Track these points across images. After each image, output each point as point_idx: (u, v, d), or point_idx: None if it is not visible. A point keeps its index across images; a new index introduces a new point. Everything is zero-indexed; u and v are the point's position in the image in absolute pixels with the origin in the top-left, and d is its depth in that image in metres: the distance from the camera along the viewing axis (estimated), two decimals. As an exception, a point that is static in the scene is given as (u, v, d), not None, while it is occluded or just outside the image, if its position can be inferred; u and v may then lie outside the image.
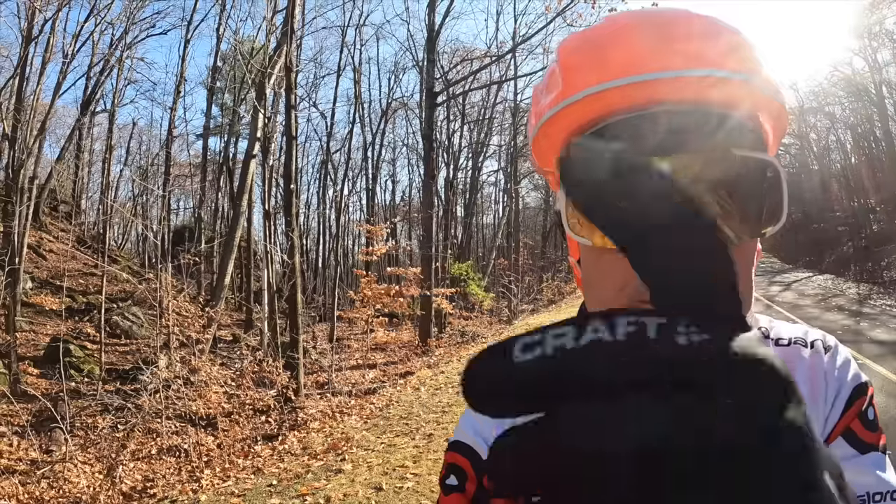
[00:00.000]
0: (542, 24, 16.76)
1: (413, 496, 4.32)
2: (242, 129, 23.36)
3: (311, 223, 35.39)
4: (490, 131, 30.63)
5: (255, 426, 6.99)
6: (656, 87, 0.52)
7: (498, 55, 20.79)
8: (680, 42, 0.53)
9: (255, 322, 12.14)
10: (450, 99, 20.45)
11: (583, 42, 0.59)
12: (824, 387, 0.68)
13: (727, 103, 0.53)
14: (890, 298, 16.24)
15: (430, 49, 15.23)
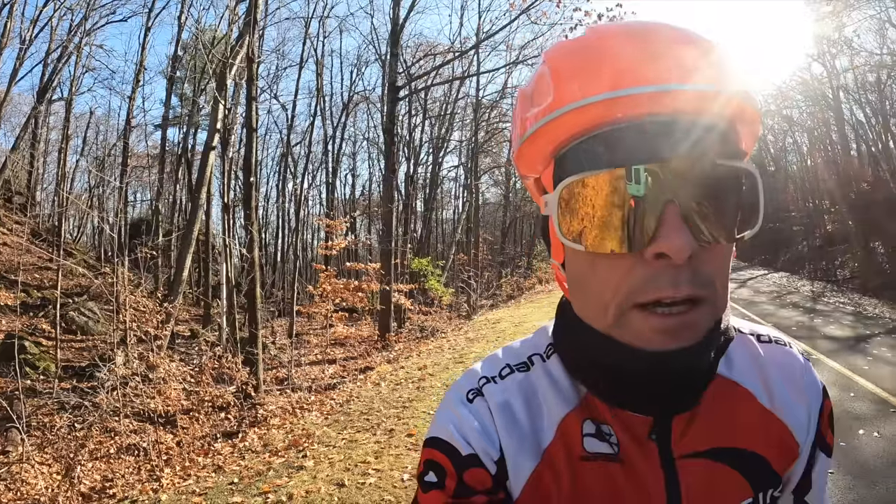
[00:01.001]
0: (506, 22, 16.87)
1: (376, 492, 4.32)
2: (202, 120, 22.95)
3: (270, 217, 35.08)
4: (451, 126, 30.73)
5: (215, 423, 6.91)
6: (641, 99, 0.54)
7: (461, 51, 20.81)
8: (663, 56, 0.55)
9: (214, 317, 12.00)
10: (412, 93, 20.45)
11: (572, 53, 0.60)
12: (804, 388, 0.73)
13: (707, 113, 0.55)
14: (843, 296, 16.67)
15: (394, 43, 15.19)
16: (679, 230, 0.52)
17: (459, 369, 8.59)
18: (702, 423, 0.66)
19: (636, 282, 0.55)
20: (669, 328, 0.55)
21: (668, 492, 0.64)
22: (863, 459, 4.63)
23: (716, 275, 0.57)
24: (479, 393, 0.69)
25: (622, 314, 0.57)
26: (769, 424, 0.70)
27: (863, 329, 10.85)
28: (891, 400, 6.07)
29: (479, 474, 0.64)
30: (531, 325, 12.75)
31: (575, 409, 0.67)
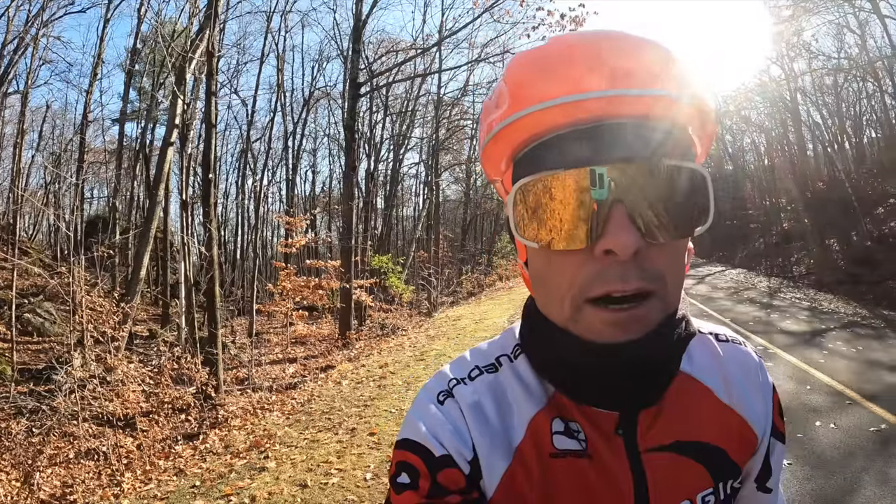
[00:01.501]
0: (469, 19, 16.80)
1: (339, 492, 4.32)
2: (160, 114, 22.33)
3: (229, 214, 34.36)
4: (412, 123, 30.54)
5: (175, 425, 6.77)
6: (592, 104, 0.57)
7: (424, 48, 20.73)
8: (617, 62, 0.58)
9: (173, 317, 11.76)
10: (373, 90, 20.31)
11: (529, 61, 0.63)
12: (759, 384, 0.78)
13: (656, 117, 0.59)
14: (799, 292, 16.91)
15: (356, 39, 15.01)
16: (625, 228, 0.55)
17: (420, 367, 8.63)
18: (666, 418, 0.70)
19: (587, 277, 0.58)
20: (619, 321, 0.58)
21: (635, 484, 0.66)
22: (820, 450, 4.74)
23: (666, 271, 0.59)
24: (449, 394, 0.70)
25: (577, 308, 0.60)
26: (728, 419, 0.74)
27: (818, 324, 11.07)
28: (846, 392, 6.21)
29: (452, 475, 0.65)
30: (492, 322, 12.86)
31: (544, 408, 0.69)
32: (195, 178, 15.95)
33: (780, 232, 28.95)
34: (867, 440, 4.92)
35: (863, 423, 5.30)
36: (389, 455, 4.96)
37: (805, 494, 4.02)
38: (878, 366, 7.40)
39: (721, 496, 0.71)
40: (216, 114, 10.42)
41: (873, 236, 19.30)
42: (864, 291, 15.40)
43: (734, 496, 0.74)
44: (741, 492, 0.77)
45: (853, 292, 15.61)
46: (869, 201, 21.91)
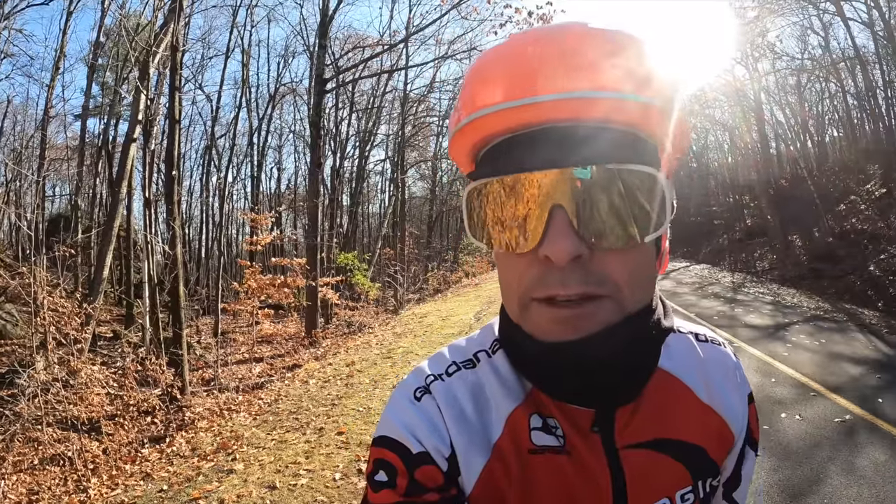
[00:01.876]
0: (436, 16, 16.87)
1: (308, 493, 4.31)
2: (124, 110, 21.79)
3: (194, 212, 33.68)
4: (378, 120, 30.41)
5: (141, 428, 6.66)
6: (550, 106, 0.57)
7: (391, 44, 20.52)
8: (571, 63, 0.57)
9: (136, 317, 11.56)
10: (339, 86, 20.19)
11: (489, 62, 0.62)
12: (737, 384, 0.79)
13: (605, 120, 0.58)
14: (762, 286, 17.15)
15: (323, 34, 14.94)
16: (563, 235, 0.56)
17: (387, 365, 8.63)
18: (644, 415, 0.69)
19: (531, 279, 0.59)
20: (564, 319, 0.58)
21: (613, 481, 0.66)
22: (786, 442, 4.85)
23: (618, 275, 0.58)
24: (426, 391, 0.70)
25: (524, 306, 0.61)
26: (707, 417, 0.74)
27: (782, 318, 11.25)
28: (810, 384, 6.36)
29: (430, 472, 0.64)
30: (458, 319, 12.88)
31: (522, 404, 0.69)
32: (159, 175, 15.65)
33: (743, 228, 29.39)
34: (832, 431, 5.04)
35: (827, 415, 5.43)
36: (358, 455, 4.97)
37: (772, 485, 4.10)
38: (841, 358, 7.57)
39: (700, 494, 0.72)
40: (180, 110, 10.28)
41: (835, 232, 19.56)
42: (827, 286, 15.67)
43: (713, 494, 0.74)
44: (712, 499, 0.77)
45: (815, 287, 15.89)
46: (831, 198, 22.32)
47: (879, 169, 21.51)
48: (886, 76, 25.41)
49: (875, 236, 16.54)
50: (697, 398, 0.75)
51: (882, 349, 8.10)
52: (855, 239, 17.52)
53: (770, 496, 3.98)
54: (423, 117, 32.88)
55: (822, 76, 30.11)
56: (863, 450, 4.60)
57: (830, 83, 30.88)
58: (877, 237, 16.34)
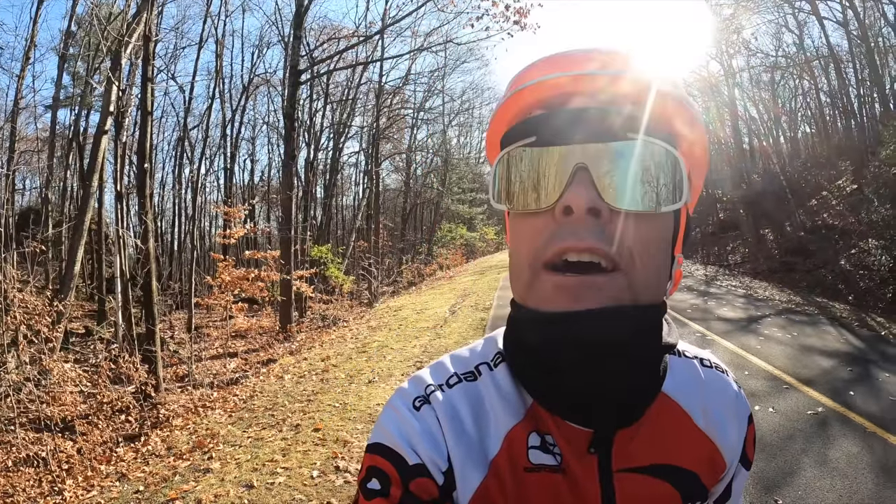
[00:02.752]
0: (413, 7, 16.67)
1: (286, 491, 4.28)
2: (95, 101, 21.32)
3: (166, 205, 33.07)
4: (353, 112, 30.08)
5: (115, 427, 6.53)
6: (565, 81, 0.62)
7: (366, 35, 20.29)
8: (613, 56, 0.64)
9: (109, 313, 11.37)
10: (314, 77, 19.96)
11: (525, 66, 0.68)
12: (734, 405, 0.79)
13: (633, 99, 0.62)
14: (734, 280, 17.22)
15: (298, 25, 14.71)
16: (584, 187, 0.59)
17: (363, 359, 8.62)
18: (642, 439, 0.69)
19: (546, 237, 0.61)
20: (569, 285, 0.58)
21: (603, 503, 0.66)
22: (760, 434, 4.83)
23: (633, 246, 0.60)
24: (426, 401, 0.68)
25: (534, 275, 0.61)
26: (702, 444, 0.74)
27: (754, 311, 11.30)
28: (783, 377, 6.43)
29: (425, 484, 0.63)
30: (433, 313, 12.91)
31: (521, 421, 0.68)
32: (131, 167, 15.43)
33: (716, 222, 29.61)
34: (805, 423, 5.11)
35: (800, 407, 5.49)
36: (335, 451, 4.96)
37: (747, 478, 4.18)
38: (813, 351, 7.65)
39: None
40: (152, 101, 10.08)
41: (806, 227, 19.78)
42: (798, 279, 15.87)
43: None
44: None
45: (787, 280, 16.06)
46: (802, 193, 22.67)
47: (851, 165, 21.81)
48: (859, 75, 25.97)
49: (846, 231, 16.81)
50: (695, 424, 0.74)
51: (853, 342, 8.19)
52: (826, 234, 17.74)
53: (745, 488, 4.02)
54: (398, 109, 32.81)
55: (795, 73, 30.71)
56: (835, 442, 4.67)
57: (804, 80, 31.57)
58: (847, 232, 16.61)
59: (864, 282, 13.72)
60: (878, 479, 4.04)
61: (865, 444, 4.62)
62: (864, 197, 15.24)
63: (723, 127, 30.45)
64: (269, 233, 24.05)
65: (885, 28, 24.91)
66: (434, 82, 33.86)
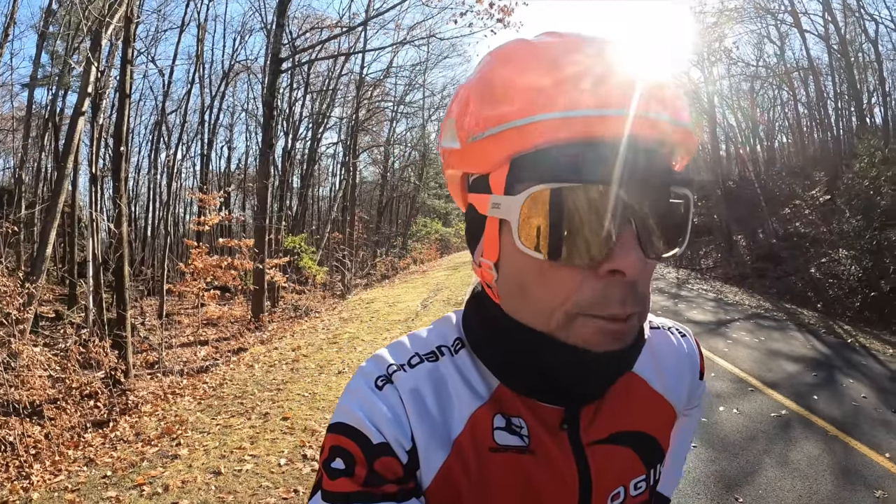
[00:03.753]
0: (397, 0, 16.60)
1: (253, 478, 4.29)
2: (73, 81, 20.86)
3: (140, 189, 32.31)
4: (333, 103, 29.86)
5: (84, 412, 6.46)
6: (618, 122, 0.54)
7: (350, 26, 20.02)
8: (636, 81, 0.56)
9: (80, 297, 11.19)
10: (295, 66, 19.78)
11: (545, 59, 0.59)
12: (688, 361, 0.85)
13: (673, 144, 0.60)
14: (705, 283, 17.27)
15: (281, 12, 14.43)
16: (634, 249, 0.55)
17: (333, 350, 8.63)
18: (607, 411, 0.71)
19: (587, 295, 0.57)
20: (614, 332, 0.58)
21: (580, 476, 0.68)
22: (724, 434, 4.97)
23: (646, 288, 0.61)
24: (388, 380, 0.67)
25: (569, 320, 0.59)
26: (659, 406, 0.78)
27: (723, 314, 11.31)
28: (748, 380, 6.54)
29: (390, 463, 0.63)
30: (405, 306, 12.91)
31: (485, 403, 0.68)
32: (106, 150, 15.16)
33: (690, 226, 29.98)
34: (768, 425, 5.21)
35: (764, 409, 5.60)
36: (303, 440, 5.00)
37: (709, 475, 4.22)
38: (779, 355, 7.75)
39: (650, 482, 0.75)
40: (131, 83, 9.98)
41: (779, 234, 19.97)
42: (768, 286, 16.04)
43: (658, 480, 0.78)
44: None
45: (757, 286, 16.24)
46: (776, 202, 22.96)
47: (825, 176, 22.13)
48: (838, 88, 26.51)
49: (817, 240, 17.08)
50: (651, 388, 0.78)
51: (819, 348, 8.30)
52: (798, 242, 17.93)
53: (707, 486, 4.08)
54: (378, 102, 32.69)
55: (775, 84, 31.18)
56: (797, 444, 4.78)
57: (783, 91, 32.06)
58: (819, 241, 16.87)
59: (833, 290, 13.95)
60: (838, 480, 4.13)
61: (827, 446, 4.72)
62: (837, 207, 15.48)
63: (701, 133, 30.66)
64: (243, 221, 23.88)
65: (865, 44, 25.42)
66: (415, 76, 33.75)
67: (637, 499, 0.74)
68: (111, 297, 9.23)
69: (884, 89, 23.59)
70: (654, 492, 0.78)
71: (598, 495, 0.69)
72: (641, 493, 0.74)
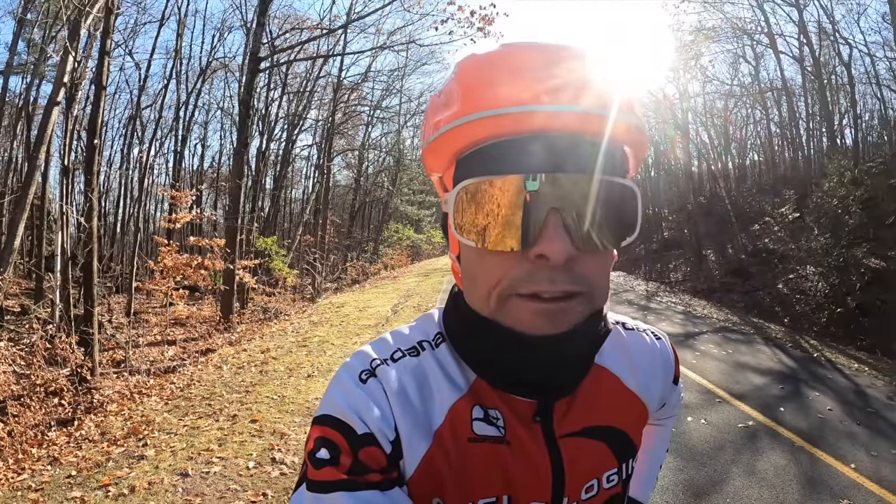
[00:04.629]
0: (379, 4, 16.52)
1: (221, 480, 4.23)
2: (48, 71, 20.38)
3: (111, 184, 31.56)
4: (309, 104, 29.58)
5: (48, 410, 6.27)
6: (541, 116, 0.59)
7: (330, 28, 19.87)
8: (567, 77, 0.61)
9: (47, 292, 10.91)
10: (274, 66, 19.58)
11: (485, 65, 0.64)
12: (661, 362, 0.87)
13: (599, 135, 0.61)
14: (675, 296, 17.36)
15: (263, 11, 14.28)
16: (559, 236, 0.58)
17: (303, 353, 8.58)
18: (579, 405, 0.74)
19: (518, 276, 0.61)
20: (546, 312, 0.61)
21: (552, 467, 0.70)
22: (692, 444, 5.00)
23: (592, 275, 0.62)
24: (372, 374, 0.70)
25: (503, 301, 0.63)
26: (631, 403, 0.80)
27: (692, 327, 11.35)
28: (716, 391, 6.60)
29: (374, 453, 0.64)
30: (375, 311, 12.88)
31: (464, 396, 0.71)
32: (79, 142, 14.81)
33: (660, 240, 30.18)
34: (735, 435, 5.26)
35: (731, 420, 5.65)
36: (272, 443, 4.95)
37: (678, 484, 4.26)
38: (746, 368, 7.84)
39: (623, 476, 0.78)
40: (108, 75, 9.79)
41: (748, 250, 20.35)
42: (736, 300, 16.27)
43: (631, 475, 0.80)
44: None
45: (725, 300, 16.41)
46: (746, 218, 23.38)
47: (795, 194, 22.57)
48: (810, 109, 27.20)
49: (785, 256, 17.43)
50: (624, 385, 0.80)
51: (786, 361, 8.40)
52: (766, 258, 18.30)
53: (675, 495, 4.11)
54: (355, 105, 32.55)
55: (749, 103, 31.89)
56: (764, 454, 4.84)
57: (756, 110, 32.78)
58: (787, 257, 17.21)
59: (800, 306, 14.26)
60: (805, 490, 4.19)
61: (793, 457, 4.79)
62: (805, 225, 15.85)
63: (674, 148, 31.24)
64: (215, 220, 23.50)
65: (838, 66, 26.23)
66: (393, 81, 33.63)
67: (610, 491, 0.77)
68: (78, 292, 9.00)
69: (855, 111, 24.34)
70: (626, 485, 0.80)
71: (571, 486, 0.72)
72: (614, 486, 0.77)
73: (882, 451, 4.98)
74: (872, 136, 31.03)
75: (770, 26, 22.97)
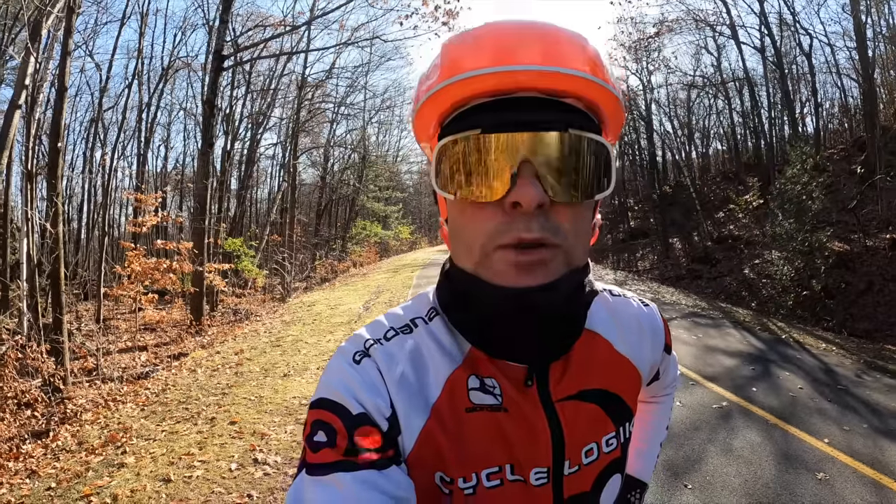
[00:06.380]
0: (343, 0, 16.36)
1: (205, 484, 4.17)
2: (7, 74, 19.66)
3: (74, 189, 30.57)
4: (273, 103, 29.06)
5: (22, 422, 6.10)
6: (514, 76, 0.62)
7: (294, 25, 19.57)
8: (542, 42, 0.64)
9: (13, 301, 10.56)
10: (237, 64, 19.24)
11: (462, 38, 0.68)
12: (650, 327, 0.89)
13: (573, 94, 0.65)
14: (643, 284, 17.42)
15: (226, 9, 13.99)
16: (531, 184, 0.61)
17: (277, 353, 8.50)
18: (574, 369, 0.75)
19: (497, 226, 0.63)
20: (522, 263, 0.62)
21: (551, 431, 0.71)
22: (669, 426, 5.19)
23: (569, 228, 0.64)
24: (366, 354, 0.70)
25: (486, 254, 0.64)
26: (623, 367, 0.82)
27: (661, 313, 11.60)
28: (689, 374, 6.66)
29: (370, 432, 0.65)
30: (346, 308, 12.82)
31: (460, 366, 0.71)
32: (40, 146, 14.34)
33: (627, 229, 30.55)
34: (710, 416, 5.33)
35: (705, 401, 5.72)
36: (253, 444, 4.89)
37: (657, 464, 4.27)
38: (716, 351, 7.91)
39: (621, 439, 0.79)
40: (69, 76, 9.52)
41: (713, 237, 20.78)
42: (704, 286, 16.57)
43: (629, 439, 0.82)
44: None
45: (693, 286, 16.65)
46: (711, 206, 23.91)
47: (758, 181, 23.15)
48: (772, 98, 27.96)
49: (751, 242, 17.81)
50: (614, 349, 0.82)
51: (754, 344, 8.48)
52: (732, 244, 18.75)
53: (656, 474, 4.15)
54: (320, 103, 32.14)
55: (711, 93, 32.45)
56: (739, 432, 4.92)
57: (719, 100, 33.39)
58: (752, 243, 17.59)
59: (767, 290, 14.60)
60: (780, 465, 4.28)
61: (767, 434, 4.88)
62: (770, 211, 16.09)
63: (638, 139, 31.71)
64: (181, 223, 23.02)
65: (799, 56, 26.94)
66: (357, 77, 33.34)
67: (610, 455, 0.78)
68: (45, 301, 8.75)
69: (816, 100, 25.09)
70: (625, 450, 0.81)
71: (571, 449, 0.73)
72: (614, 450, 0.78)
73: (853, 425, 5.10)
74: (833, 124, 31.86)
75: (732, 17, 23.45)
